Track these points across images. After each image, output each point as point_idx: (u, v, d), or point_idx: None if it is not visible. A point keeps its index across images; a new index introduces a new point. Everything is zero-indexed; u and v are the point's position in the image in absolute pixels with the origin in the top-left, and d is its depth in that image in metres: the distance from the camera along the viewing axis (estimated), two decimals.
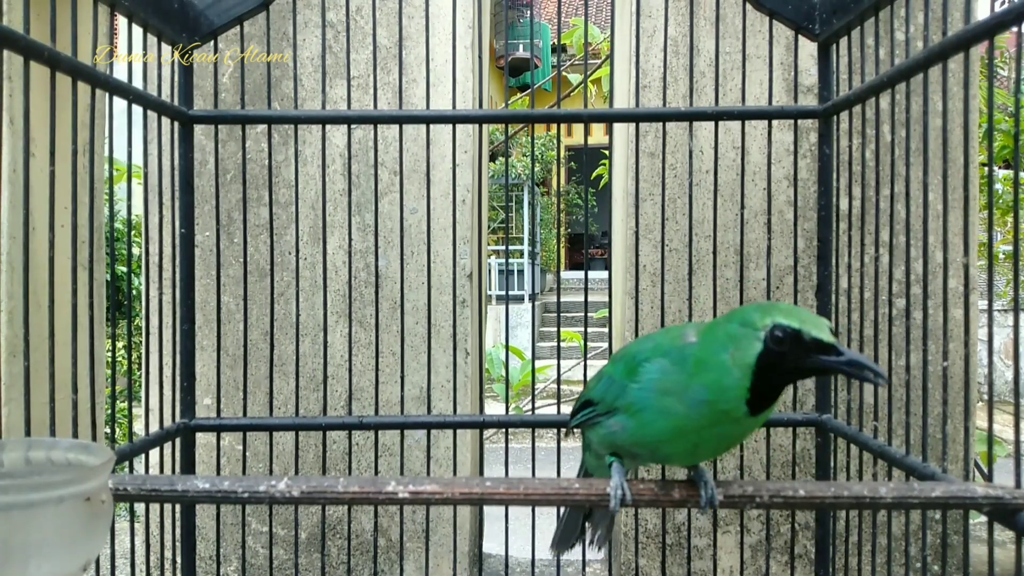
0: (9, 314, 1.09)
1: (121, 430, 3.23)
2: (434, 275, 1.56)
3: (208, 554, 1.58)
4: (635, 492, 0.76)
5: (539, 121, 1.25)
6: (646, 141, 1.56)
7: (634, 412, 0.73)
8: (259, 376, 1.57)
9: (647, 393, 0.71)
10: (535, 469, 1.20)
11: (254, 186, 1.59)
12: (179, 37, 1.14)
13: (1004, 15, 0.73)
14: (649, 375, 0.71)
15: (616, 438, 0.76)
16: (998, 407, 5.14)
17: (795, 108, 1.19)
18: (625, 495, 0.75)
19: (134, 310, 4.19)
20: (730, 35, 1.54)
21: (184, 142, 1.20)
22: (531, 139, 1.37)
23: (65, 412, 0.89)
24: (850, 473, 1.26)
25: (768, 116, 1.19)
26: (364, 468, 1.59)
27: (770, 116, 1.19)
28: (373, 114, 1.21)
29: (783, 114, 1.19)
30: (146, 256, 1.20)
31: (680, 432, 0.70)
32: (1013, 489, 0.73)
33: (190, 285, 1.21)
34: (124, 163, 2.02)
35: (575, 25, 3.10)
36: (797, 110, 1.19)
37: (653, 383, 0.70)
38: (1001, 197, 2.78)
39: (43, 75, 0.85)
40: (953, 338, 1.45)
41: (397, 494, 0.75)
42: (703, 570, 1.55)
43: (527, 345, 7.74)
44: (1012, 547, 1.11)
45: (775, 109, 1.19)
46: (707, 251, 1.53)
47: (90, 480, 0.53)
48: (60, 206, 0.90)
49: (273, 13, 1.48)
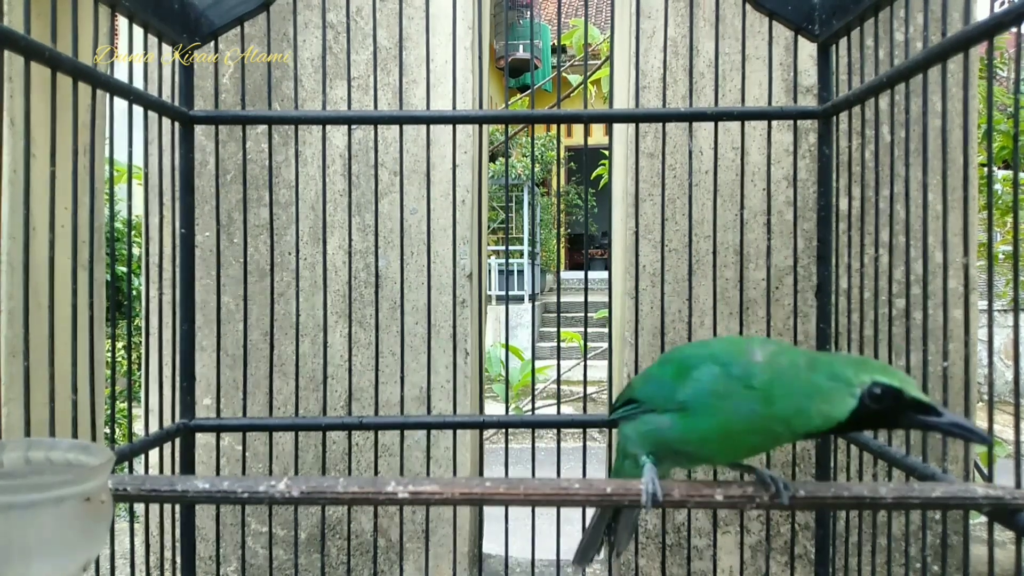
0: (9, 314, 1.09)
1: (121, 430, 3.23)
2: (434, 275, 1.56)
3: (208, 554, 1.58)
4: (665, 491, 0.77)
5: (539, 121, 1.25)
6: (646, 141, 1.56)
7: (685, 411, 0.75)
8: (259, 376, 1.57)
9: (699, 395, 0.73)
10: (535, 469, 1.20)
11: (254, 186, 1.59)
12: (179, 37, 1.14)
13: (1004, 15, 0.73)
14: (701, 379, 0.73)
15: (661, 435, 0.78)
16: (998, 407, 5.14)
17: (795, 108, 1.19)
18: (657, 492, 0.75)
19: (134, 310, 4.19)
20: (730, 36, 1.54)
21: (184, 142, 1.20)
22: (531, 139, 1.37)
23: (65, 412, 0.89)
24: (850, 473, 1.26)
25: (768, 117, 1.19)
26: (364, 468, 1.59)
27: (770, 117, 1.19)
28: (373, 114, 1.21)
29: (783, 115, 1.19)
30: (146, 256, 1.20)
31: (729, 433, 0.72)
32: (1013, 489, 0.73)
33: (190, 285, 1.21)
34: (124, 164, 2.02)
35: (575, 26, 3.10)
36: (797, 110, 1.19)
37: (704, 388, 0.72)
38: (1001, 197, 2.78)
39: (44, 76, 0.85)
40: (953, 338, 1.45)
41: (397, 494, 0.75)
42: (703, 570, 1.54)
43: (527, 345, 7.74)
44: (1012, 547, 1.11)
45: (775, 110, 1.19)
46: (707, 251, 1.53)
47: (90, 480, 0.53)
48: (60, 206, 0.90)
49: (273, 14, 1.48)
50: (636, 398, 0.84)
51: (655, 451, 0.80)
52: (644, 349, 1.55)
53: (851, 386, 0.65)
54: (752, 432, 0.71)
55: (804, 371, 0.68)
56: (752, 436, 0.71)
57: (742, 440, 0.73)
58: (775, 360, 0.71)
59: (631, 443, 0.84)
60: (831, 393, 0.66)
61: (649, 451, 0.81)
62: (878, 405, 0.64)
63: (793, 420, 0.67)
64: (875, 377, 0.64)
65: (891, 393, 0.64)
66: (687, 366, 0.76)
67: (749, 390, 0.70)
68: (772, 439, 0.71)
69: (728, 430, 0.72)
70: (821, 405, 0.66)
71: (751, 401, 0.69)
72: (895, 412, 0.64)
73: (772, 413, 0.68)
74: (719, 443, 0.74)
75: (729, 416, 0.71)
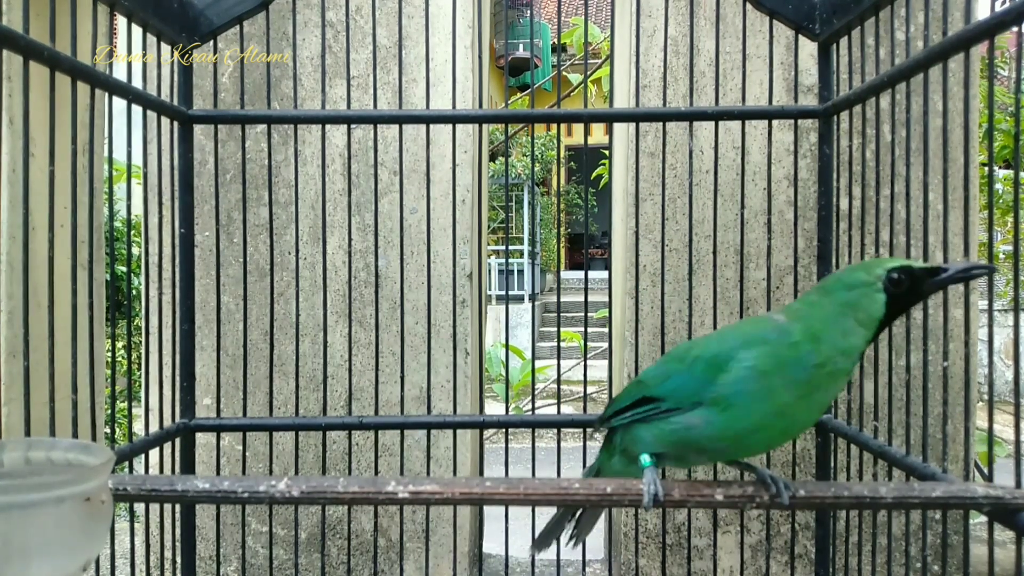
0: (9, 314, 1.09)
1: (121, 430, 3.23)
2: (434, 275, 1.56)
3: (208, 554, 1.58)
4: (665, 491, 0.76)
5: (539, 121, 1.25)
6: (646, 141, 1.56)
7: (725, 405, 0.74)
8: (259, 376, 1.57)
9: (745, 383, 0.73)
10: (535, 469, 1.20)
11: (254, 186, 1.59)
12: (179, 37, 1.14)
13: (1004, 15, 0.73)
14: (746, 363, 0.73)
15: (694, 434, 0.76)
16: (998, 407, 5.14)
17: (795, 108, 1.19)
18: (658, 492, 0.75)
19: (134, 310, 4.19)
20: (730, 35, 1.54)
21: (184, 142, 1.20)
22: (531, 139, 1.37)
23: (65, 412, 0.89)
24: (850, 473, 1.26)
25: (768, 116, 1.19)
26: (364, 468, 1.59)
27: (770, 116, 1.19)
28: (373, 114, 1.20)
29: (783, 114, 1.19)
30: (146, 256, 1.20)
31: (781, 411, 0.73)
32: (1013, 489, 0.73)
33: (190, 285, 1.21)
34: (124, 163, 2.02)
35: (575, 25, 3.10)
36: (797, 110, 1.19)
37: (752, 371, 0.73)
38: (1001, 197, 2.78)
39: (43, 75, 0.85)
40: (953, 338, 1.45)
41: (397, 494, 0.75)
42: (703, 570, 1.54)
43: (527, 345, 7.74)
44: (1012, 547, 1.11)
45: (775, 109, 1.19)
46: (707, 251, 1.53)
47: (90, 480, 0.53)
48: (60, 206, 0.90)
49: (273, 13, 1.48)
50: (655, 396, 0.80)
51: (668, 451, 0.79)
52: (644, 349, 1.55)
53: (872, 285, 0.71)
54: (819, 387, 0.72)
55: (825, 301, 0.73)
56: (821, 392, 0.72)
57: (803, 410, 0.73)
58: (794, 311, 0.75)
59: (641, 444, 0.81)
60: (860, 300, 0.71)
61: (661, 451, 0.79)
62: (900, 289, 0.71)
63: (844, 343, 0.71)
64: (886, 266, 0.71)
65: (906, 271, 0.71)
66: (721, 359, 0.75)
67: (795, 347, 0.72)
68: (840, 380, 0.73)
69: (788, 406, 0.72)
70: (859, 314, 0.71)
71: (804, 355, 0.71)
72: (915, 288, 0.71)
73: (826, 351, 0.71)
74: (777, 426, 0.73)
75: (787, 388, 0.71)
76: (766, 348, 0.73)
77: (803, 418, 0.74)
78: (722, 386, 0.74)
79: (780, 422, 0.73)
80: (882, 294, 0.71)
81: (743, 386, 0.73)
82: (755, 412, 0.73)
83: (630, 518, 1.54)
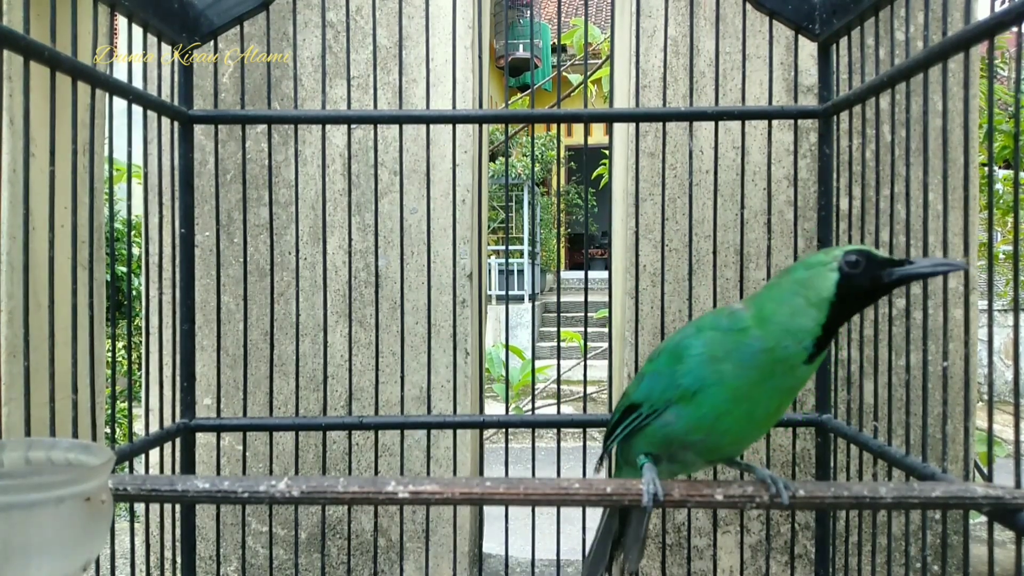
0: (9, 314, 1.09)
1: (121, 430, 3.23)
2: (434, 275, 1.56)
3: (208, 554, 1.58)
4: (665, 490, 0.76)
5: (539, 121, 1.25)
6: (646, 141, 1.56)
7: (687, 396, 0.74)
8: (259, 376, 1.57)
9: (696, 368, 0.72)
10: (535, 469, 1.20)
11: (254, 186, 1.59)
12: (179, 37, 1.14)
13: (1004, 15, 0.73)
14: (695, 351, 0.73)
15: (670, 431, 0.76)
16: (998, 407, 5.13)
17: (795, 108, 1.19)
18: (658, 491, 0.75)
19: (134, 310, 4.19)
20: (730, 35, 1.54)
21: (184, 142, 1.20)
22: (531, 139, 1.37)
23: (65, 412, 0.89)
24: (850, 473, 1.26)
25: (768, 116, 1.19)
26: (364, 468, 1.59)
27: (770, 116, 1.19)
28: (373, 114, 1.21)
29: (783, 114, 1.19)
30: (146, 256, 1.20)
31: (735, 397, 0.71)
32: (1013, 489, 0.73)
33: (190, 285, 1.21)
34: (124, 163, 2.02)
35: (575, 25, 3.10)
36: (797, 110, 1.19)
37: (702, 357, 0.72)
38: (1001, 197, 2.78)
39: (43, 75, 0.85)
40: (953, 338, 1.45)
41: (397, 494, 0.75)
42: (703, 570, 1.54)
43: (527, 345, 7.74)
44: (1012, 547, 1.11)
45: (775, 109, 1.19)
46: (707, 251, 1.53)
47: (90, 480, 0.53)
48: (60, 206, 0.90)
49: (273, 13, 1.48)
50: (635, 402, 0.81)
51: (661, 453, 0.79)
52: (644, 349, 1.55)
53: (827, 264, 0.69)
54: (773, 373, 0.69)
55: (782, 281, 0.72)
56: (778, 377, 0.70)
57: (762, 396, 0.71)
58: (753, 297, 0.73)
59: (635, 453, 0.82)
60: (813, 279, 0.69)
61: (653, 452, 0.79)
62: (856, 270, 0.68)
63: (792, 323, 0.68)
64: (846, 248, 0.69)
65: (864, 255, 0.68)
66: (679, 348, 0.75)
67: (743, 332, 0.70)
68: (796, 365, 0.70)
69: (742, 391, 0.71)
70: (809, 293, 0.69)
71: (752, 340, 0.69)
72: (876, 274, 0.68)
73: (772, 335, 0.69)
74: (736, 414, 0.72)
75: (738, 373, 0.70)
76: (715, 334, 0.72)
77: (765, 404, 0.72)
78: (681, 376, 0.74)
79: (739, 408, 0.72)
80: (835, 273, 0.68)
81: (697, 373, 0.72)
82: (713, 399, 0.72)
83: None
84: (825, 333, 0.69)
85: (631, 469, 0.85)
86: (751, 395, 0.71)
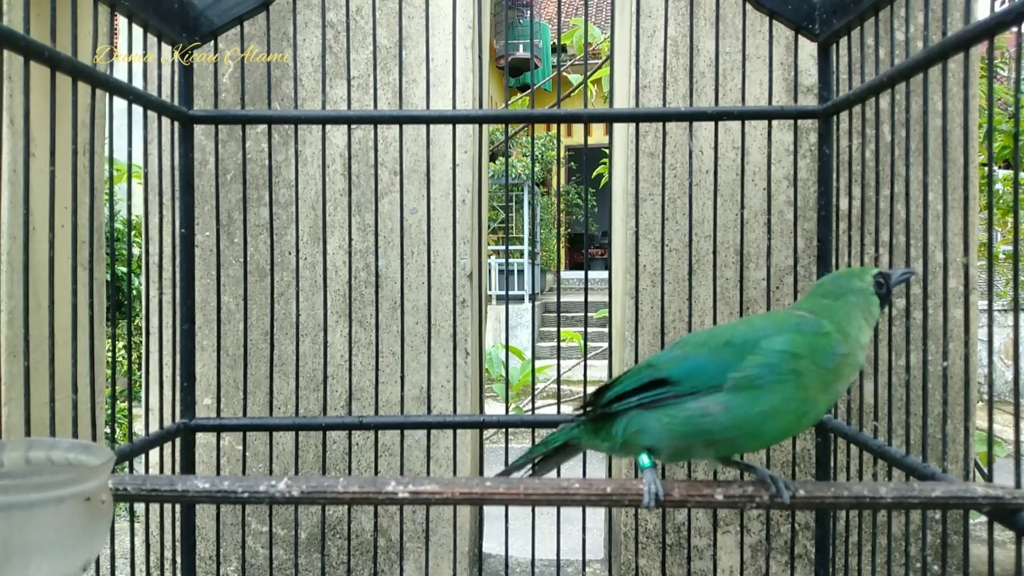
0: (9, 314, 1.09)
1: (121, 430, 3.23)
2: (434, 275, 1.56)
3: (208, 554, 1.58)
4: (665, 490, 0.76)
5: (539, 121, 1.25)
6: (646, 141, 1.56)
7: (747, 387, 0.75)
8: (259, 376, 1.57)
9: (775, 365, 0.75)
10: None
11: (254, 186, 1.59)
12: (179, 37, 1.14)
13: (1004, 15, 0.73)
14: (777, 346, 0.76)
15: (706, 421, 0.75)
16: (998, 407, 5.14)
17: (795, 108, 1.19)
18: (659, 492, 0.75)
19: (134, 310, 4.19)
20: (730, 35, 1.54)
21: (184, 142, 1.20)
22: (531, 139, 1.37)
23: (65, 412, 0.89)
24: (850, 473, 1.26)
25: (768, 116, 1.19)
26: (364, 468, 1.59)
27: (770, 116, 1.19)
28: (373, 114, 1.21)
29: (783, 114, 1.19)
30: (146, 256, 1.20)
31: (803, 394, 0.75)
32: (1013, 489, 0.73)
33: (190, 285, 1.21)
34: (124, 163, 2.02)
35: (575, 25, 3.10)
36: (797, 110, 1.19)
37: (783, 354, 0.76)
38: (1001, 197, 2.78)
39: (43, 75, 0.85)
40: (953, 338, 1.45)
41: (397, 494, 0.75)
42: (703, 570, 1.54)
43: (527, 345, 7.74)
44: (1012, 547, 1.11)
45: (775, 109, 1.19)
46: (707, 251, 1.53)
47: (90, 480, 0.53)
48: (60, 206, 0.90)
49: (273, 13, 1.48)
50: (669, 377, 0.78)
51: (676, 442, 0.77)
52: (644, 349, 1.55)
53: (867, 291, 0.81)
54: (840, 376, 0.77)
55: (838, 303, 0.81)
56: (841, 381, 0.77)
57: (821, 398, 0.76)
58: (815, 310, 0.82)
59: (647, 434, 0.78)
60: (865, 303, 0.81)
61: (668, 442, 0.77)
62: (882, 291, 0.82)
63: (863, 338, 0.79)
64: (871, 273, 0.82)
65: (885, 276, 0.83)
66: (751, 341, 0.76)
67: (827, 336, 0.77)
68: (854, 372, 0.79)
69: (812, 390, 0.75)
70: (867, 314, 0.81)
71: (835, 344, 0.76)
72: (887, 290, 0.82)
73: (851, 344, 0.78)
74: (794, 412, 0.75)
75: (815, 373, 0.75)
76: (800, 336, 0.77)
77: (819, 405, 0.77)
78: (749, 367, 0.75)
79: (799, 408, 0.75)
80: (876, 297, 0.81)
81: (773, 367, 0.75)
82: (778, 393, 0.74)
83: (630, 518, 1.54)
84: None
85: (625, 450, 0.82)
86: (815, 395, 0.75)
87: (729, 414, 0.74)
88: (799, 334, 0.77)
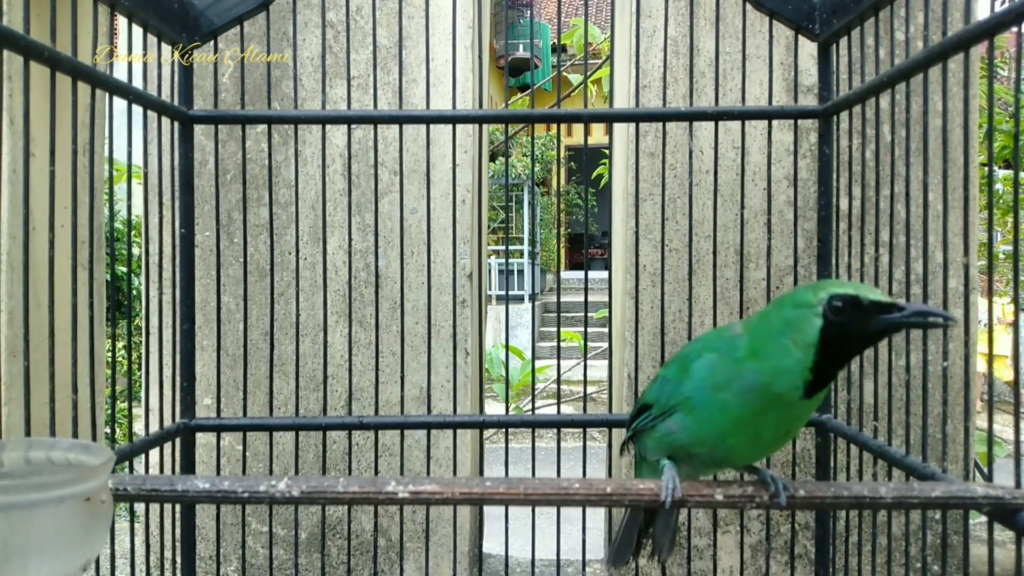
0: (9, 314, 1.09)
1: (121, 430, 3.23)
2: (434, 275, 1.56)
3: (208, 554, 1.58)
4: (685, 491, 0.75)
5: (539, 121, 1.25)
6: (646, 141, 1.56)
7: (691, 409, 0.73)
8: (259, 376, 1.57)
9: (700, 390, 0.72)
10: (535, 469, 1.20)
11: (254, 186, 1.59)
12: (179, 37, 1.14)
13: (1004, 15, 0.73)
14: (699, 371, 0.72)
15: (675, 439, 0.76)
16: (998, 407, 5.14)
17: (795, 108, 1.19)
18: (676, 489, 0.74)
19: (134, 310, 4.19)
20: (730, 35, 1.54)
21: (184, 142, 1.20)
22: (531, 139, 1.37)
23: (65, 412, 0.89)
24: (850, 473, 1.26)
25: (768, 116, 1.19)
26: (364, 468, 1.59)
27: (770, 116, 1.19)
28: (373, 114, 1.21)
29: (783, 114, 1.19)
30: (146, 256, 1.20)
31: (737, 424, 0.70)
32: (1013, 489, 0.73)
33: (190, 285, 1.21)
34: (124, 163, 2.02)
35: (575, 25, 3.10)
36: (797, 110, 1.19)
37: (704, 379, 0.71)
38: (1001, 197, 2.78)
39: (43, 75, 0.85)
40: (953, 338, 1.45)
41: (397, 494, 0.75)
42: (703, 570, 1.54)
43: (527, 345, 7.74)
44: (1012, 547, 1.11)
45: (775, 109, 1.19)
46: (707, 251, 1.53)
47: (90, 480, 0.53)
48: (60, 206, 0.90)
49: (273, 13, 1.48)
50: (647, 402, 0.82)
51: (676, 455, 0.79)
52: (644, 349, 1.55)
53: (812, 307, 0.65)
54: (767, 408, 0.68)
55: (774, 316, 0.69)
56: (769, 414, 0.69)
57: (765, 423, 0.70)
58: (750, 323, 0.72)
59: (650, 452, 0.82)
60: (799, 321, 0.66)
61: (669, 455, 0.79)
62: (842, 317, 0.64)
63: (780, 364, 0.66)
64: (831, 291, 0.65)
65: (849, 301, 0.64)
66: (688, 359, 0.76)
67: (739, 362, 0.69)
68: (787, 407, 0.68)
69: (744, 419, 0.70)
70: (795, 336, 0.66)
71: (747, 372, 0.68)
72: (862, 322, 0.64)
73: (766, 371, 0.67)
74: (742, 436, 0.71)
75: (737, 403, 0.69)
76: (716, 357, 0.71)
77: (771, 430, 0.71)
78: (687, 389, 0.74)
79: (744, 431, 0.71)
80: (819, 319, 0.65)
81: (700, 393, 0.72)
82: (714, 421, 0.72)
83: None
84: (816, 376, 0.66)
85: (647, 465, 0.85)
86: (754, 422, 0.70)
87: (685, 432, 0.75)
88: (717, 355, 0.71)
